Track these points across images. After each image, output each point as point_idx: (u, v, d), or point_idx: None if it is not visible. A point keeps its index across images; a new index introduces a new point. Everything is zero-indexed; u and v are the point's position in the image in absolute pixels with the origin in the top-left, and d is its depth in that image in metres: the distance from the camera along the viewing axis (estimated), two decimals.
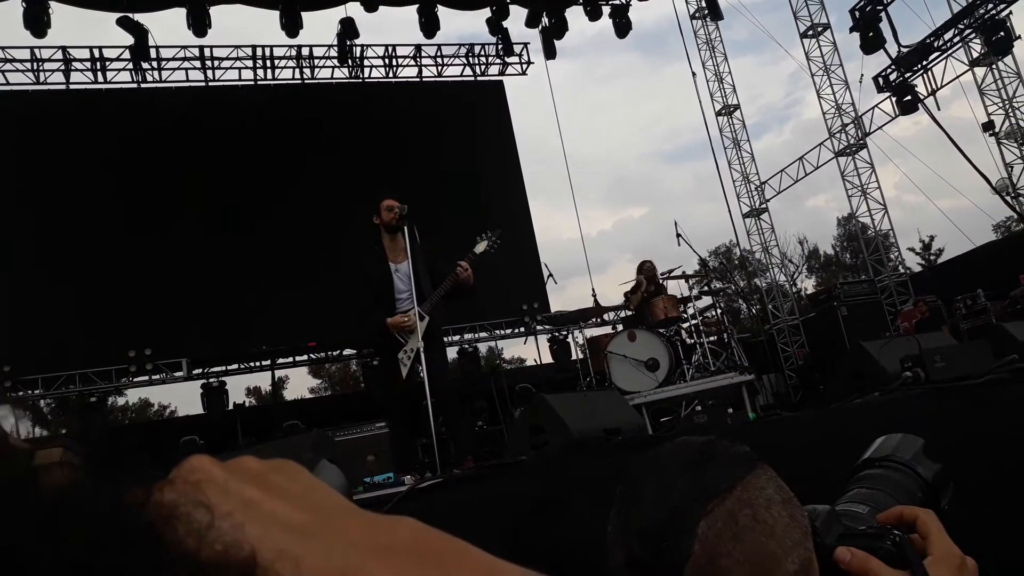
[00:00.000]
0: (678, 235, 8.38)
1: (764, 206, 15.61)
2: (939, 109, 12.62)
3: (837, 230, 34.80)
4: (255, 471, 0.34)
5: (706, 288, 8.81)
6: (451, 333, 11.75)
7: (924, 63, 12.34)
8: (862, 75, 13.56)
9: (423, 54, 13.52)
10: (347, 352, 12.42)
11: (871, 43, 12.09)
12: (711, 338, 8.32)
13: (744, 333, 15.67)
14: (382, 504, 3.11)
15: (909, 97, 12.29)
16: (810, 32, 14.47)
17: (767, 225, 15.62)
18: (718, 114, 15.67)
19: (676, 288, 9.71)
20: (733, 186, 15.61)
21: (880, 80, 12.81)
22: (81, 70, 11.63)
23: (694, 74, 15.08)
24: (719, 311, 8.65)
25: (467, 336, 12.50)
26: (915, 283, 13.20)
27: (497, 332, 12.77)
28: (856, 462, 1.15)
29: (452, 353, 11.34)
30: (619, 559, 0.85)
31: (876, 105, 13.58)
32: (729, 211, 14.93)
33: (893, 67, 12.41)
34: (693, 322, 8.26)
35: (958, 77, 12.49)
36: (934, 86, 12.54)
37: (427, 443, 6.54)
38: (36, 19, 9.80)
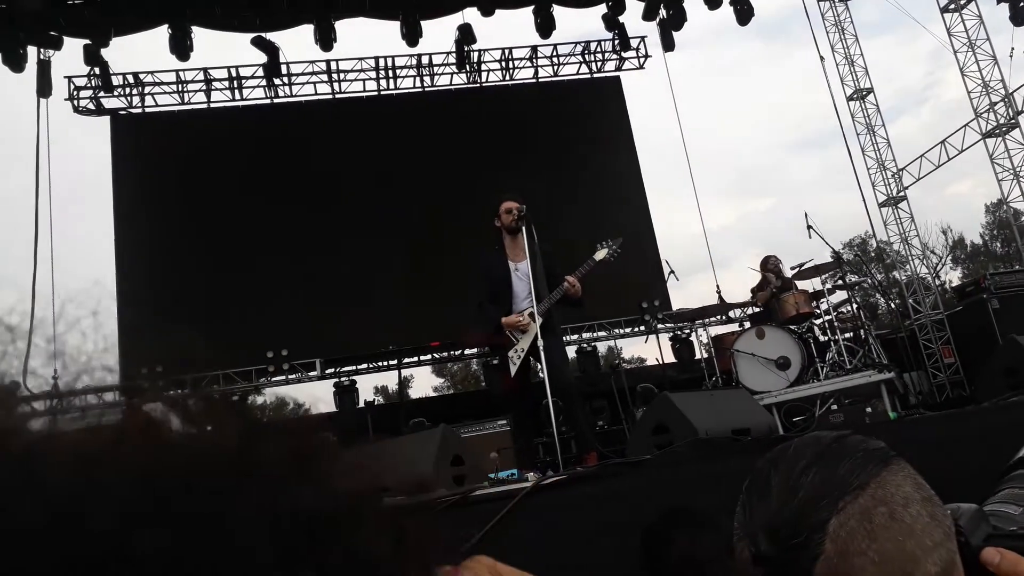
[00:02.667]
0: (809, 226, 7.99)
1: (902, 194, 14.65)
2: None
3: (985, 218, 32.27)
4: None
5: (840, 282, 8.36)
6: (569, 332, 11.73)
7: None
8: (1012, 48, 12.51)
9: (539, 55, 13.56)
10: (468, 351, 12.64)
11: (1022, 13, 11.12)
12: (846, 335, 7.90)
13: (883, 329, 14.78)
14: (506, 499, 3.13)
15: None
16: (952, 5, 13.46)
17: (906, 214, 14.65)
18: (849, 99, 14.85)
19: (808, 284, 9.27)
20: (868, 174, 14.76)
21: None
22: (220, 89, 12.42)
23: (822, 58, 14.40)
24: (854, 306, 8.19)
25: (586, 335, 12.43)
26: None
27: (616, 331, 12.62)
28: (1008, 462, 1.07)
29: (571, 352, 11.30)
30: (745, 556, 0.81)
31: None
32: (864, 201, 14.14)
33: None
34: (827, 318, 7.86)
35: None
36: None
37: (548, 441, 6.57)
38: (179, 44, 10.54)
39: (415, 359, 12.43)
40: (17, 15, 9.51)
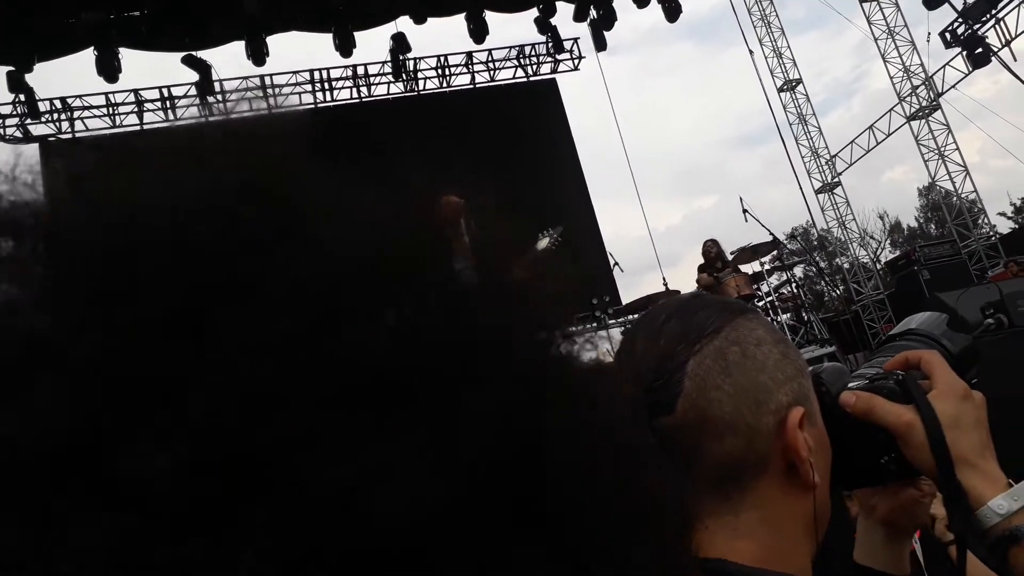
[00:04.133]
0: (744, 211, 8.18)
1: (836, 180, 15.10)
2: (1016, 60, 11.97)
3: (919, 201, 33.39)
4: None
5: (778, 263, 8.57)
6: None
7: (994, 12, 11.74)
8: (928, 33, 13.01)
9: (474, 60, 13.65)
10: None
11: None
12: (788, 314, 8.09)
13: (828, 313, 15.16)
14: None
15: (980, 50, 11.71)
16: None
17: (842, 199, 15.09)
18: (780, 90, 15.27)
19: (749, 268, 9.47)
20: (803, 163, 15.18)
21: (948, 35, 12.25)
22: (153, 110, 12.22)
23: (751, 52, 14.80)
24: (793, 285, 8.40)
25: None
26: (1007, 245, 12.51)
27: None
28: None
29: None
30: None
31: (947, 63, 12.98)
32: (800, 188, 14.54)
33: (960, 20, 11.85)
34: (768, 299, 8.04)
35: None
36: (1008, 36, 11.90)
37: None
38: (107, 66, 10.35)
39: None
40: None
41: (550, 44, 13.46)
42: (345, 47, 11.30)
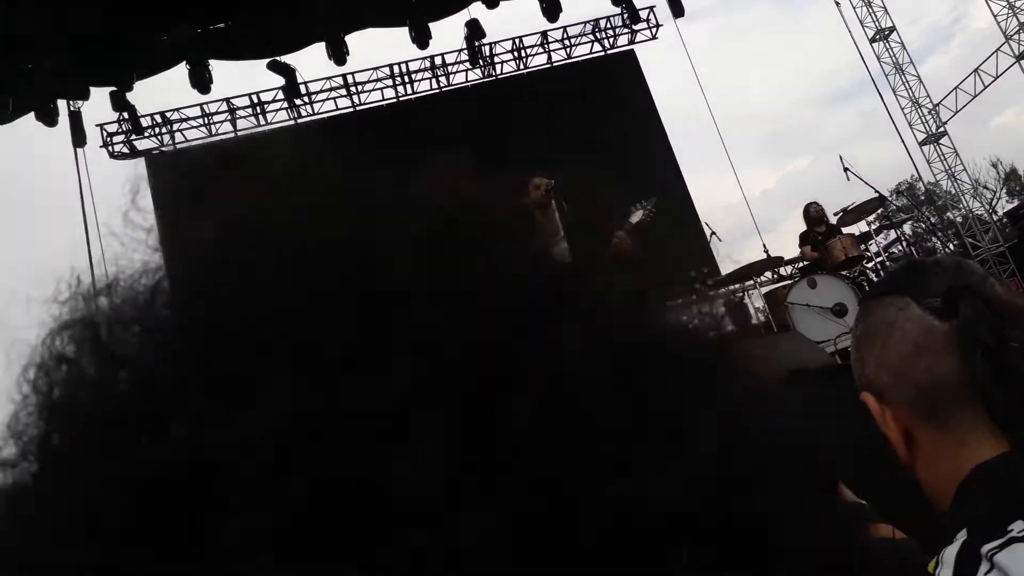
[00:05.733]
0: (845, 169, 7.77)
1: (942, 130, 14.19)
2: None
3: None
4: None
5: (886, 222, 8.11)
6: None
7: None
8: None
9: (550, 40, 13.47)
10: None
11: None
12: None
13: None
14: None
15: None
16: None
17: (949, 150, 14.18)
18: (872, 41, 14.44)
19: (855, 229, 9.01)
20: (903, 115, 14.33)
21: None
22: (244, 116, 12.64)
23: (838, 3, 14.04)
24: (904, 243, 7.94)
25: None
26: None
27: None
28: None
29: None
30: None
31: None
32: (903, 142, 13.75)
33: None
34: (878, 259, 7.63)
35: None
36: None
37: None
38: (200, 78, 10.74)
39: None
40: (42, 71, 9.79)
41: (625, 15, 13.14)
42: (421, 39, 11.34)
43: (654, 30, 13.77)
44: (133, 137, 12.21)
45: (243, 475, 0.26)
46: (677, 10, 12.61)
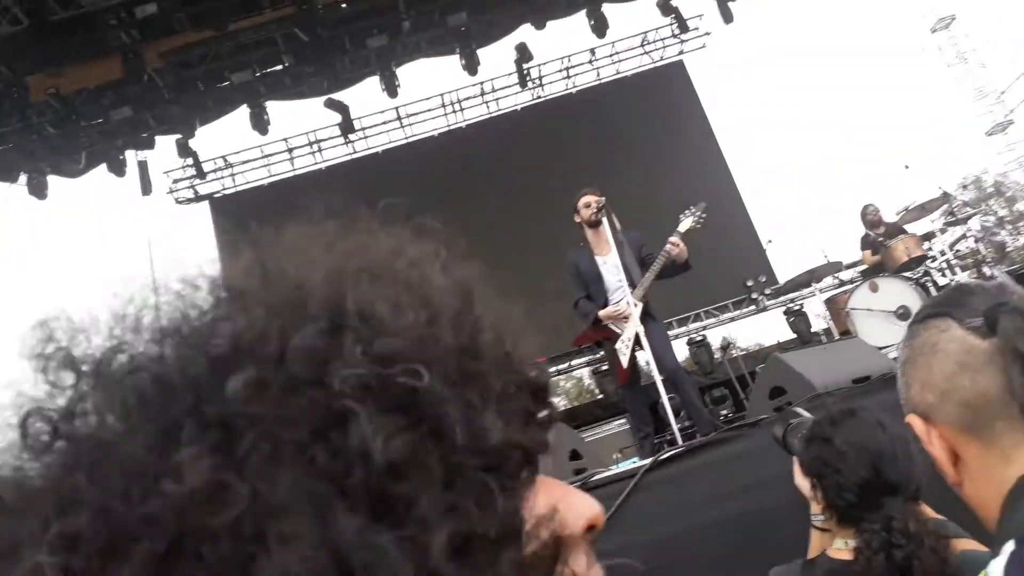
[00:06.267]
0: (906, 166, 7.59)
1: (1009, 118, 13.74)
2: None
3: None
4: None
5: (951, 218, 7.88)
6: (674, 325, 11.52)
7: None
8: None
9: (597, 56, 13.54)
10: (575, 362, 12.57)
11: None
12: (968, 272, 7.42)
13: (1014, 265, 13.77)
14: (627, 480, 3.12)
15: None
16: None
17: (1018, 138, 13.70)
18: (933, 31, 14.10)
19: (918, 227, 8.76)
20: (968, 104, 13.91)
21: None
22: (301, 155, 13.05)
23: None
24: (972, 240, 7.70)
25: (694, 325, 12.14)
26: None
27: (724, 316, 12.27)
28: None
29: (682, 344, 11.03)
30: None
31: None
32: (968, 132, 13.31)
33: None
34: (943, 258, 7.42)
35: None
36: None
37: (671, 437, 6.45)
38: (259, 120, 11.16)
39: None
40: (112, 125, 10.33)
41: (674, 26, 13.12)
42: (471, 66, 11.54)
43: (704, 38, 13.72)
44: (197, 182, 12.73)
45: None
46: (727, 15, 12.51)
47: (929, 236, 7.56)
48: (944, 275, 7.34)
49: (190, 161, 12.22)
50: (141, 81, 9.63)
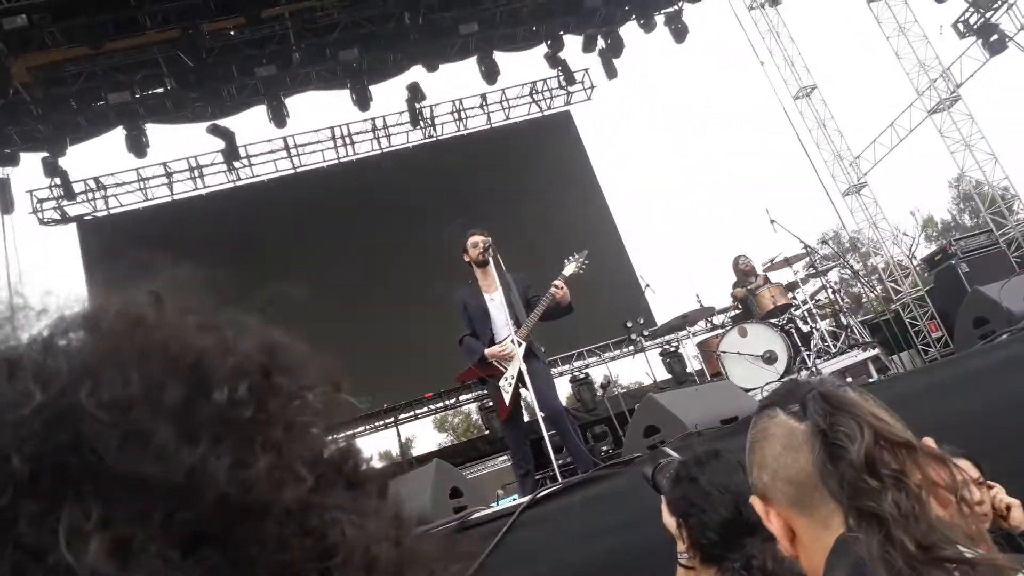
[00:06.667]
0: (772, 221, 8.14)
1: (863, 181, 14.94)
2: None
3: (950, 193, 32.84)
4: None
5: (812, 270, 8.48)
6: (559, 363, 11.75)
7: None
8: (941, 26, 12.93)
9: (488, 101, 13.85)
10: (463, 397, 12.60)
11: None
12: (827, 320, 7.99)
13: (868, 315, 14.89)
14: (505, 518, 3.15)
15: (996, 36, 11.60)
16: None
17: (870, 199, 14.92)
18: (796, 98, 15.23)
19: (782, 277, 9.37)
20: (826, 167, 15.07)
21: (960, 26, 12.17)
22: (181, 180, 12.57)
23: (762, 63, 14.81)
24: (830, 291, 8.30)
25: (577, 363, 12.45)
26: None
27: (606, 355, 12.67)
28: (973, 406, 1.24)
29: (564, 381, 11.29)
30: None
31: (963, 53, 12.86)
32: (827, 192, 14.41)
33: (971, 9, 11.77)
34: (805, 307, 7.96)
35: None
36: (1023, 21, 11.78)
37: (552, 473, 6.54)
38: (136, 142, 10.69)
39: (411, 414, 12.38)
40: None
41: (561, 78, 13.61)
42: (362, 101, 11.53)
43: (589, 91, 14.29)
44: (64, 203, 12.01)
45: None
46: (611, 72, 13.12)
47: (792, 286, 8.09)
48: (806, 322, 7.87)
49: (58, 181, 11.54)
50: (7, 96, 9.04)
